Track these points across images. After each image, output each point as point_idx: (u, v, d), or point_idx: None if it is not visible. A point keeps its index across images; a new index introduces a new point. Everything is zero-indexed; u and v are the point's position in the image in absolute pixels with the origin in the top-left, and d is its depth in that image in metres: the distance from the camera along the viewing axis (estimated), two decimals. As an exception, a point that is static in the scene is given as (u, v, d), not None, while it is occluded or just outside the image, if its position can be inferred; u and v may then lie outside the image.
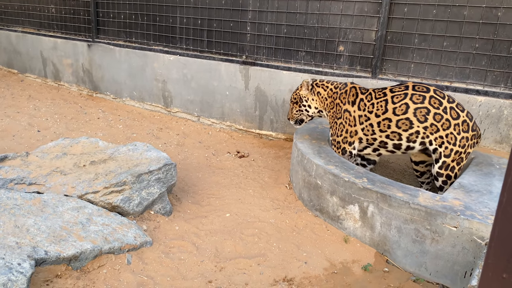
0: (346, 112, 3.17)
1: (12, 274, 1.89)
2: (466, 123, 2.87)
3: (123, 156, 3.08)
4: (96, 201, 2.67)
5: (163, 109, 5.55)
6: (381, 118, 2.99)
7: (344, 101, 3.18)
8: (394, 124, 2.95)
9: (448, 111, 2.84)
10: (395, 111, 2.93)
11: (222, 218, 3.00)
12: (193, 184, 3.53)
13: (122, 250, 2.42)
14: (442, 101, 2.86)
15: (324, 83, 3.40)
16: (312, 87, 3.42)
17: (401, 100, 2.92)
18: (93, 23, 6.12)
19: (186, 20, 5.19)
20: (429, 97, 2.87)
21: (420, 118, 2.87)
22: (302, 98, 3.47)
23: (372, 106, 3.04)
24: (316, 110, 3.46)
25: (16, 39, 7.26)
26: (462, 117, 2.85)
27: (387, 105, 2.96)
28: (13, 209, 2.32)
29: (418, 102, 2.88)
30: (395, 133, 2.97)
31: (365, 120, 3.08)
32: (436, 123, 2.86)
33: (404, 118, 2.91)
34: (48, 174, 2.82)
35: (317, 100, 3.41)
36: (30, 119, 4.96)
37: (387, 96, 2.99)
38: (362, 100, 3.10)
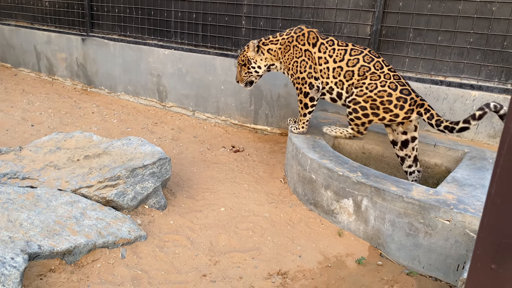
0: (307, 52, 3.33)
1: (5, 268, 1.89)
2: (392, 83, 3.12)
3: (117, 151, 3.07)
4: (90, 196, 2.67)
5: (158, 103, 5.53)
6: (337, 64, 3.26)
7: (302, 43, 3.35)
8: (343, 73, 3.25)
9: (372, 68, 3.19)
10: (348, 62, 3.23)
11: (216, 212, 3.00)
12: (188, 178, 3.53)
13: (116, 244, 2.41)
14: (372, 62, 3.19)
15: (271, 39, 3.50)
16: (259, 48, 3.51)
17: (356, 55, 3.23)
18: (87, 17, 6.07)
19: (181, 14, 5.16)
20: (375, 61, 3.20)
21: (360, 73, 3.20)
22: (250, 60, 3.56)
23: (333, 51, 3.28)
24: (266, 68, 3.58)
25: (9, 33, 7.20)
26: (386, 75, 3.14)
27: (345, 55, 3.25)
28: (6, 203, 2.31)
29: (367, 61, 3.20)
30: (341, 82, 3.26)
31: (324, 62, 3.30)
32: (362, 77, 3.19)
33: (350, 71, 3.22)
34: (41, 169, 2.81)
35: (268, 57, 3.52)
36: (23, 113, 4.93)
37: (348, 47, 3.27)
38: (323, 44, 3.32)
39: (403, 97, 3.07)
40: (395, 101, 3.08)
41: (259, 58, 3.52)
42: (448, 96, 3.67)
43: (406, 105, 3.06)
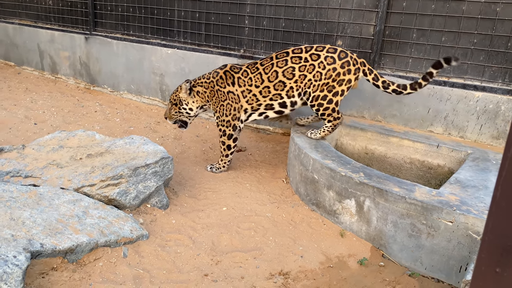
0: (230, 93, 3.54)
1: (7, 266, 1.89)
2: (330, 57, 3.29)
3: (120, 150, 3.07)
4: (92, 194, 2.67)
5: (160, 102, 5.53)
6: (261, 87, 3.47)
7: (223, 85, 3.55)
8: (272, 88, 3.44)
9: (308, 58, 3.33)
10: (269, 78, 3.43)
11: (218, 211, 3.00)
12: (190, 177, 3.53)
13: (118, 243, 2.42)
14: (301, 55, 3.36)
15: (198, 81, 3.68)
16: (191, 91, 3.67)
17: (270, 70, 3.43)
18: (90, 16, 6.08)
19: (184, 13, 5.16)
20: (290, 58, 3.38)
21: (288, 76, 3.38)
22: (182, 101, 3.71)
23: (250, 80, 3.49)
24: (198, 109, 3.74)
25: (13, 31, 7.21)
26: (322, 55, 3.30)
27: (262, 77, 3.45)
28: (9, 201, 2.32)
29: (283, 66, 3.38)
30: (276, 95, 3.46)
31: (248, 93, 3.51)
32: (303, 73, 3.34)
33: (277, 82, 3.41)
34: (44, 167, 2.82)
35: (198, 99, 3.68)
36: (26, 111, 4.94)
37: (260, 69, 3.47)
38: (239, 78, 3.53)
39: (344, 60, 3.28)
40: (340, 69, 3.27)
41: (191, 101, 3.69)
42: (451, 97, 3.65)
43: (352, 67, 3.29)
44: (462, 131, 3.66)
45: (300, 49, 3.38)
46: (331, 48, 3.31)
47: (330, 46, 3.35)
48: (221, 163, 3.70)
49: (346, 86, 3.31)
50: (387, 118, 4.01)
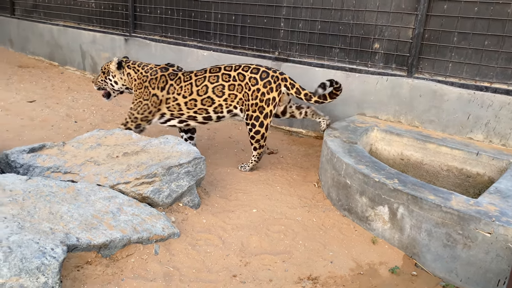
0: (154, 96, 3.65)
1: (45, 258, 1.97)
2: (254, 78, 3.50)
3: (154, 149, 3.14)
4: (127, 192, 2.74)
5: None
6: (188, 99, 3.60)
7: (153, 86, 3.66)
8: (199, 102, 3.59)
9: (236, 77, 3.53)
10: (198, 92, 3.57)
11: (249, 213, 3.01)
12: (222, 178, 3.56)
13: (150, 240, 2.47)
14: (230, 73, 3.55)
15: (135, 66, 3.78)
16: (122, 67, 3.79)
17: (202, 83, 3.57)
18: (130, 18, 6.26)
19: (221, 16, 5.22)
20: (221, 75, 3.56)
21: (218, 94, 3.55)
22: (110, 72, 3.85)
23: (180, 89, 3.62)
24: (123, 87, 3.89)
25: (57, 33, 7.53)
26: (247, 76, 3.51)
27: (192, 88, 3.59)
28: (49, 196, 2.41)
29: (214, 82, 3.55)
30: (202, 109, 3.61)
31: (172, 101, 3.65)
32: (232, 92, 3.53)
33: (206, 97, 3.56)
34: (82, 164, 2.92)
35: (126, 79, 3.81)
36: (68, 110, 5.14)
37: (192, 79, 3.61)
38: (172, 85, 3.65)
39: (266, 80, 3.49)
40: (263, 89, 3.48)
41: (119, 76, 3.82)
42: (493, 103, 3.51)
43: (273, 85, 3.50)
44: (504, 138, 3.50)
45: (230, 66, 3.58)
46: (255, 69, 3.53)
47: (254, 66, 3.55)
48: None
49: (272, 105, 3.52)
50: (424, 123, 3.89)
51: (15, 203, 2.25)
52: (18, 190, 2.37)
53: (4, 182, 2.41)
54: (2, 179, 2.44)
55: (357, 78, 4.23)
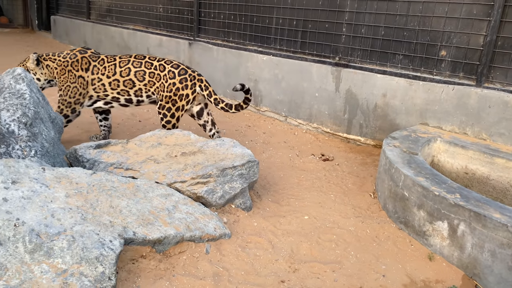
0: (80, 78, 3.76)
1: (104, 249, 2.08)
2: (172, 72, 3.74)
3: (211, 150, 3.21)
4: (183, 190, 2.83)
5: (252, 107, 5.68)
6: (112, 79, 3.76)
7: (77, 68, 3.77)
8: (121, 83, 3.76)
9: (158, 67, 3.77)
10: (121, 73, 3.75)
11: (300, 219, 2.98)
12: (275, 183, 3.56)
13: (202, 239, 2.52)
14: (153, 63, 3.78)
15: (50, 56, 3.85)
16: (40, 62, 3.82)
17: (125, 65, 3.76)
18: (195, 23, 6.47)
19: (282, 21, 5.25)
20: (144, 62, 3.77)
21: (139, 78, 3.76)
22: (29, 70, 3.83)
23: (104, 69, 3.77)
24: (46, 82, 3.91)
25: (127, 36, 7.96)
26: (167, 69, 3.75)
27: (116, 69, 3.76)
28: (110, 190, 2.55)
29: (137, 67, 3.76)
30: (124, 91, 3.79)
31: (97, 81, 3.78)
32: (151, 79, 3.75)
33: (128, 79, 3.75)
34: (143, 161, 3.05)
35: (47, 72, 3.85)
36: (133, 109, 5.41)
37: (116, 61, 3.79)
38: (95, 66, 3.78)
39: (182, 77, 3.73)
40: (178, 85, 3.72)
41: (40, 72, 3.85)
42: None
43: (189, 82, 3.74)
44: None
45: (154, 57, 3.83)
46: (175, 64, 3.78)
47: (175, 62, 3.82)
48: None
49: (185, 101, 3.76)
50: (493, 136, 3.65)
51: (80, 195, 2.40)
52: (83, 183, 2.53)
53: (71, 175, 2.58)
54: (70, 172, 2.61)
55: (421, 86, 4.06)
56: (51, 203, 2.25)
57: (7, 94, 3.00)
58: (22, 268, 1.90)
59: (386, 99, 4.31)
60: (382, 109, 4.36)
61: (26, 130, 2.84)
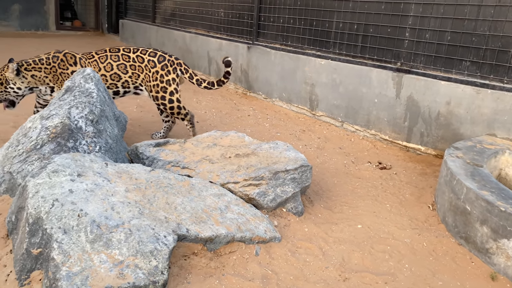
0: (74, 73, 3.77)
1: (158, 244, 2.16)
2: (152, 61, 3.91)
3: (264, 153, 3.23)
4: (235, 191, 2.86)
5: (308, 111, 5.64)
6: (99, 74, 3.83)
7: (66, 67, 3.83)
8: (109, 78, 3.90)
9: (136, 59, 3.92)
10: (105, 68, 3.88)
11: (353, 228, 2.91)
12: (328, 189, 3.50)
13: (252, 241, 2.54)
14: (129, 55, 3.93)
15: (33, 65, 3.78)
16: (20, 72, 3.73)
17: (106, 60, 3.89)
18: (254, 27, 6.55)
19: (342, 25, 5.17)
20: (121, 55, 3.91)
21: (122, 71, 3.91)
22: (8, 80, 3.74)
23: (89, 65, 3.88)
24: (27, 89, 3.84)
25: (189, 40, 8.22)
26: (145, 59, 3.92)
27: (99, 65, 3.88)
28: (167, 187, 2.64)
29: (116, 60, 3.90)
30: (112, 84, 3.94)
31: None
32: (135, 72, 3.94)
33: (113, 73, 3.90)
34: (199, 161, 3.13)
35: (32, 81, 3.80)
36: (192, 111, 5.57)
37: (95, 57, 3.90)
38: (81, 59, 3.89)
39: (163, 64, 3.92)
40: (161, 71, 3.89)
41: (20, 81, 3.75)
42: None
43: (170, 68, 3.93)
44: None
45: (128, 49, 3.97)
46: (152, 52, 3.96)
47: (151, 50, 3.97)
48: None
49: (174, 84, 3.98)
50: None
51: (139, 191, 2.51)
52: (142, 179, 2.64)
53: (131, 171, 2.70)
54: (131, 168, 2.74)
55: (489, 94, 3.82)
56: (112, 196, 2.36)
57: (77, 92, 3.21)
58: (83, 256, 2.01)
59: (450, 107, 4.10)
60: (445, 117, 4.15)
61: (93, 127, 3.02)
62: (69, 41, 11.03)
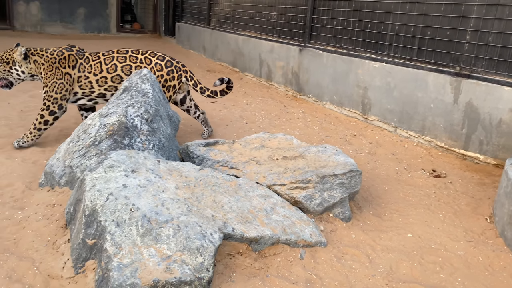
0: (67, 75, 3.82)
1: (204, 241, 2.20)
2: (159, 64, 3.99)
3: (312, 156, 3.20)
4: (281, 193, 2.86)
5: (360, 115, 5.52)
6: (99, 76, 3.90)
7: (64, 66, 3.82)
8: (109, 80, 3.92)
9: (143, 61, 3.98)
10: (108, 70, 3.90)
11: (402, 237, 2.81)
12: (378, 196, 3.41)
13: (297, 244, 2.53)
14: (137, 56, 3.98)
15: (39, 51, 3.86)
16: (27, 56, 3.79)
17: (111, 61, 3.91)
18: (307, 29, 6.52)
19: (398, 27, 5.02)
20: (128, 56, 3.95)
21: (126, 72, 3.93)
22: (15, 62, 3.79)
23: (90, 67, 3.89)
24: (29, 76, 3.88)
25: (242, 42, 8.33)
26: (153, 61, 3.99)
27: (102, 66, 3.90)
28: (215, 186, 2.69)
29: (122, 62, 3.93)
30: (112, 86, 3.95)
31: (84, 79, 3.89)
32: None
33: (115, 75, 3.91)
34: (246, 162, 3.16)
35: (34, 67, 3.83)
36: (241, 112, 5.64)
37: (101, 59, 3.91)
38: (81, 64, 3.89)
39: (169, 69, 4.00)
40: (166, 76, 3.98)
41: (25, 65, 3.82)
42: None
43: (175, 74, 4.02)
44: None
45: (137, 51, 4.02)
46: (161, 56, 4.02)
47: (160, 54, 4.04)
48: (30, 136, 3.81)
49: (172, 91, 4.06)
50: None
51: (188, 188, 2.58)
52: (192, 177, 2.71)
53: (182, 169, 2.78)
54: (181, 166, 2.82)
55: (558, 101, 3.55)
56: (163, 193, 2.45)
57: (133, 92, 3.35)
58: (134, 249, 2.10)
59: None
60: (508, 125, 3.91)
61: (147, 125, 3.14)
62: (128, 43, 11.55)
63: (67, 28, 12.63)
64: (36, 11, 12.11)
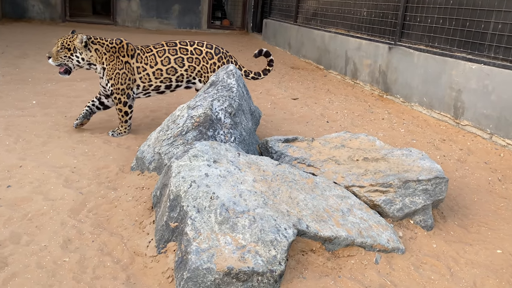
0: (127, 64, 3.92)
1: (278, 235, 2.24)
2: (210, 53, 4.11)
3: (395, 159, 3.08)
4: (359, 195, 2.80)
5: (451, 119, 5.17)
6: (155, 68, 3.99)
7: (123, 54, 3.92)
8: (164, 72, 4.01)
9: (194, 52, 4.06)
10: (162, 62, 3.99)
11: (490, 252, 2.60)
12: (465, 206, 3.19)
13: (373, 248, 2.46)
14: (187, 48, 4.06)
15: (99, 40, 3.90)
16: (87, 44, 3.83)
17: (164, 54, 4.00)
18: (398, 27, 6.24)
19: (501, 26, 4.61)
20: (178, 49, 4.03)
21: (179, 65, 4.03)
22: (77, 49, 3.82)
23: (146, 58, 3.98)
24: (87, 63, 3.91)
25: (328, 39, 8.22)
26: (203, 51, 4.09)
27: (156, 59, 3.98)
28: (291, 182, 2.71)
29: (174, 54, 4.01)
30: (166, 78, 4.05)
31: (142, 70, 3.98)
32: (191, 64, 4.07)
33: (170, 67, 4.01)
34: (324, 161, 3.14)
35: (94, 56, 3.88)
36: (323, 110, 5.58)
37: (153, 51, 4.00)
38: (139, 54, 3.97)
39: (219, 55, 4.14)
40: (218, 63, 4.13)
41: (85, 53, 3.85)
42: None
43: (224, 60, 4.17)
44: None
45: (185, 42, 4.10)
46: (209, 45, 4.13)
47: (207, 42, 4.15)
48: (122, 128, 4.08)
49: None
50: None
51: (265, 182, 2.63)
52: (269, 172, 2.76)
53: (260, 162, 2.84)
54: (260, 160, 2.88)
55: None
56: (241, 184, 2.53)
57: (219, 86, 3.49)
58: (211, 235, 2.20)
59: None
60: None
61: (230, 119, 3.25)
62: (217, 39, 11.99)
63: (162, 24, 13.45)
64: (136, 8, 13.06)
